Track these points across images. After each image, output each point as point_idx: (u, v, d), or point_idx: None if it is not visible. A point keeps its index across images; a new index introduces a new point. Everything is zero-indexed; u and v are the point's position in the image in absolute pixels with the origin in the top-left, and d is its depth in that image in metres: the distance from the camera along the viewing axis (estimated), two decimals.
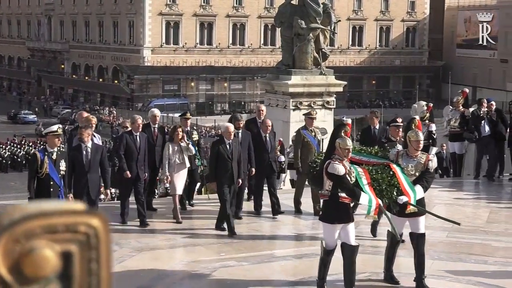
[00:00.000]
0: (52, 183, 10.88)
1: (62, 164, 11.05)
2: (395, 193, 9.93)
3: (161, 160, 14.40)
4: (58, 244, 1.31)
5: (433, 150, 12.19)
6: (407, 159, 10.27)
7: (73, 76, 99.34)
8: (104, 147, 13.89)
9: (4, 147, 57.70)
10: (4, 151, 56.74)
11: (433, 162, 10.32)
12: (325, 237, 10.05)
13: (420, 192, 10.10)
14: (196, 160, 15.32)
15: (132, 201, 14.02)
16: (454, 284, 10.60)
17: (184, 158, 14.25)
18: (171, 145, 14.19)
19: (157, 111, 15.61)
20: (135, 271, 11.10)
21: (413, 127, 11.00)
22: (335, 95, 22.93)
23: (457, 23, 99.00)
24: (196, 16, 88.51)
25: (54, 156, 10.96)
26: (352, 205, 10.25)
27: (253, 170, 14.47)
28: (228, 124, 13.76)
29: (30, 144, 58.49)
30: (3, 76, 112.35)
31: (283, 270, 11.44)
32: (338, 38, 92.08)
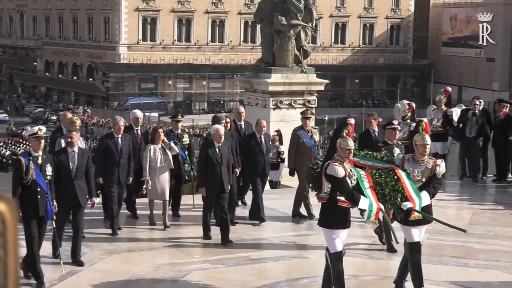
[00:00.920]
0: (39, 189, 10.44)
1: (48, 169, 10.63)
2: (399, 199, 9.74)
3: None
4: None
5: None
6: (413, 164, 10.08)
7: (46, 73, 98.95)
8: (90, 152, 13.35)
9: None
10: None
11: (441, 167, 10.08)
12: (328, 243, 9.75)
13: (426, 198, 9.89)
14: (186, 165, 14.95)
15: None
16: (434, 287, 10.66)
17: (168, 160, 13.96)
18: (153, 147, 13.91)
19: (139, 113, 15.20)
20: (106, 274, 11.09)
21: (421, 130, 10.58)
22: (316, 94, 22.93)
23: (442, 21, 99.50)
24: (174, 12, 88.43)
25: (40, 160, 10.54)
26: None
27: (237, 171, 14.22)
28: (218, 126, 13.29)
29: (1, 143, 58.19)
30: None
31: (259, 273, 11.47)
32: (321, 36, 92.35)
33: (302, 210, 14.88)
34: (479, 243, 12.75)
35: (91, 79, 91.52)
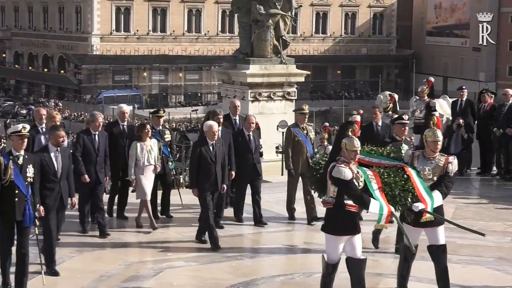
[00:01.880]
0: (17, 191, 10.00)
1: (30, 170, 10.18)
2: (409, 200, 9.45)
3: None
4: None
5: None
6: (424, 162, 9.81)
7: (16, 66, 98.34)
8: (70, 150, 12.79)
9: None
10: None
11: (453, 165, 9.84)
12: (328, 250, 9.45)
13: (438, 198, 9.65)
14: (170, 163, 14.64)
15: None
16: (415, 283, 10.70)
17: (154, 158, 13.68)
18: (139, 144, 13.63)
19: (126, 107, 14.86)
20: (75, 273, 11.04)
21: (432, 125, 10.15)
22: (297, 86, 22.98)
23: (427, 9, 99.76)
24: (148, 1, 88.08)
25: (21, 160, 10.08)
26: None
27: (232, 174, 13.80)
28: (212, 123, 12.89)
29: None
30: None
31: (233, 270, 11.46)
32: (301, 25, 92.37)
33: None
34: (462, 238, 12.77)
35: (62, 71, 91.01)
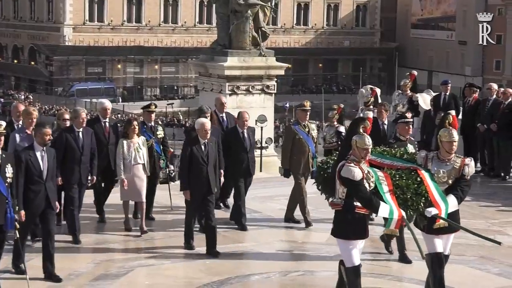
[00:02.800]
0: None
1: (8, 170, 9.92)
2: (422, 204, 9.30)
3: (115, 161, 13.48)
4: None
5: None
6: (438, 164, 9.58)
7: None
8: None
9: None
10: None
11: (470, 167, 9.57)
12: (344, 256, 9.32)
13: (453, 204, 9.43)
14: (161, 161, 14.44)
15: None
16: (395, 283, 10.75)
17: (142, 157, 13.45)
18: (126, 142, 13.39)
19: (108, 103, 14.40)
20: (42, 272, 10.98)
21: (447, 125, 9.83)
22: (276, 79, 22.96)
23: (412, 1, 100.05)
24: None
25: None
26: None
27: (221, 172, 13.46)
28: (204, 120, 12.68)
29: None
30: None
31: (207, 269, 11.47)
32: (282, 17, 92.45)
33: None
34: None
35: (33, 63, 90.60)
